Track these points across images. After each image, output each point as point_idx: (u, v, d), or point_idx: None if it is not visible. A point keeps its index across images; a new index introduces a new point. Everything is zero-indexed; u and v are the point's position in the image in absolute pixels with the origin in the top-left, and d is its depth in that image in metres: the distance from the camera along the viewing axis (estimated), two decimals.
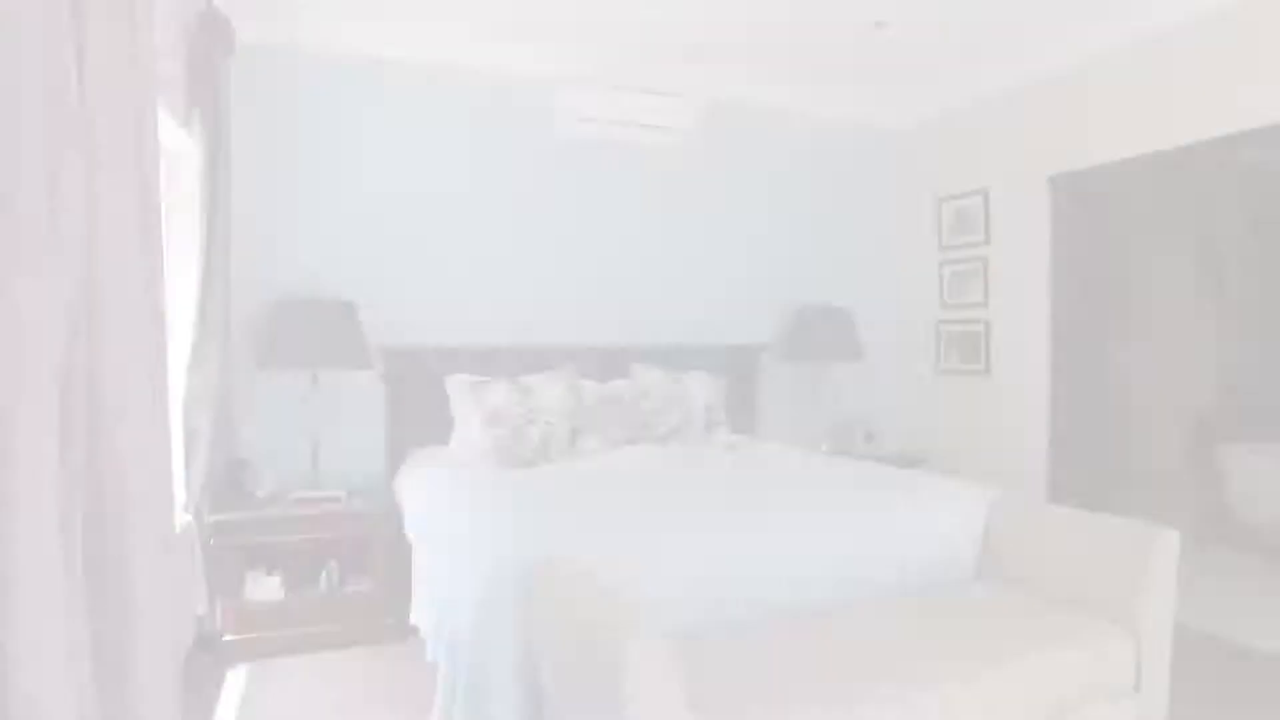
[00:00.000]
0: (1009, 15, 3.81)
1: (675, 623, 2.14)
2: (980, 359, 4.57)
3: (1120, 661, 2.17)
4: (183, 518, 2.99)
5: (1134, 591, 2.22)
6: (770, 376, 4.75)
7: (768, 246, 4.78)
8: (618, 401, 3.82)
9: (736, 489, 2.74)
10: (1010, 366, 4.42)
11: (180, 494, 3.06)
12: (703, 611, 2.19)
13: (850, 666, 1.86)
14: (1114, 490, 6.53)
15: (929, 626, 2.12)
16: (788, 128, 4.83)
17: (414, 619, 2.76)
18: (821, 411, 4.72)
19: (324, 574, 3.36)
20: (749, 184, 4.73)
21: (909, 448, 4.98)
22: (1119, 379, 6.97)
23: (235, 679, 2.97)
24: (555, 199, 4.26)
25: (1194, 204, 7.14)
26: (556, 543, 2.09)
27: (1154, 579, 2.21)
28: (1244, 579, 4.23)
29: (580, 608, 1.62)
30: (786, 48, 4.22)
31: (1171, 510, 5.89)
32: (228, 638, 3.12)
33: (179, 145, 3.16)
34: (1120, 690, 2.18)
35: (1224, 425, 7.05)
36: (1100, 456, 4.54)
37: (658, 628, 1.49)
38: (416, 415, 3.89)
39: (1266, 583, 4.17)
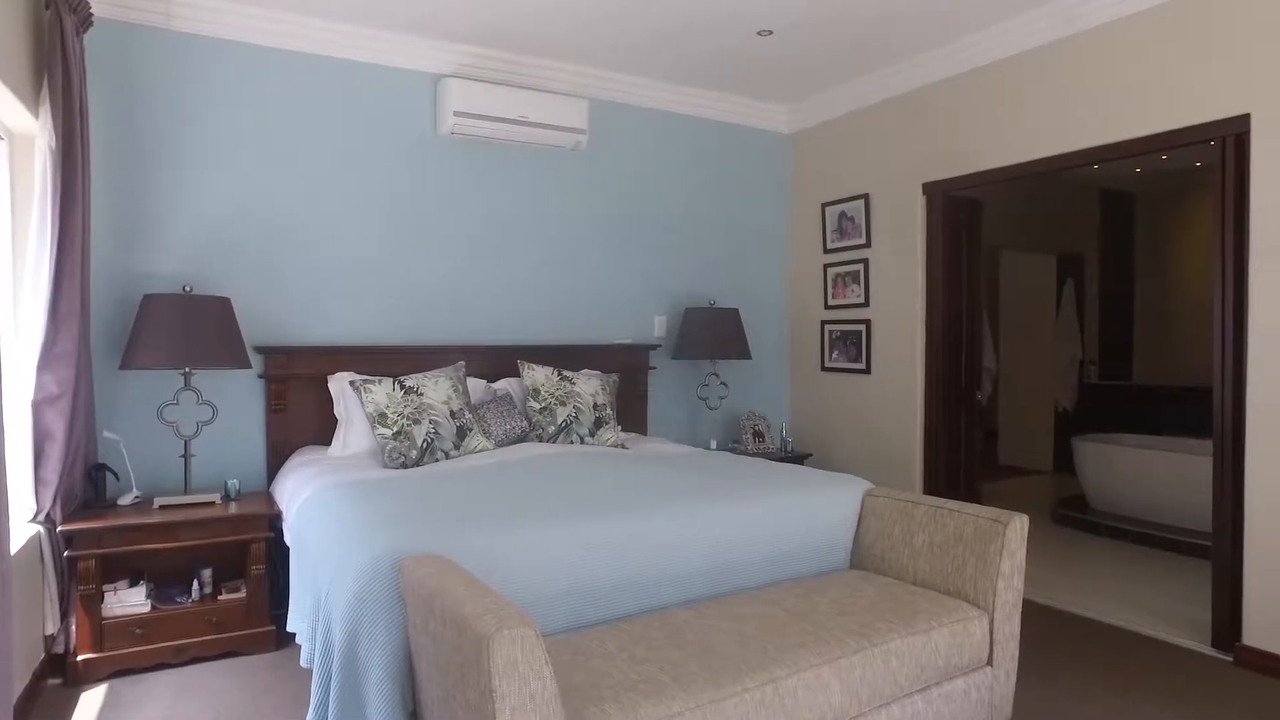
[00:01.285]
0: (886, 29, 3.99)
1: (555, 617, 2.16)
2: (862, 358, 4.76)
3: (976, 639, 2.30)
4: (29, 529, 2.79)
5: (987, 573, 2.36)
6: (660, 375, 4.81)
7: (658, 247, 4.84)
8: (506, 401, 3.79)
9: (621, 485, 2.76)
10: (889, 365, 4.63)
11: (28, 503, 2.85)
12: (583, 605, 2.20)
13: (723, 654, 1.91)
14: (987, 481, 6.93)
15: (802, 613, 2.20)
16: (679, 130, 4.90)
17: (291, 625, 2.66)
18: (712, 410, 4.81)
19: (195, 583, 3.20)
20: (640, 185, 4.78)
21: (796, 444, 5.14)
22: (995, 377, 7.40)
23: (90, 701, 2.79)
24: (443, 195, 4.19)
25: (1057, 213, 7.67)
26: (434, 541, 2.06)
27: (1005, 561, 2.35)
28: (1095, 560, 4.56)
29: (451, 603, 1.60)
30: (675, 52, 4.29)
31: (1036, 498, 6.30)
32: (83, 657, 2.93)
33: (25, 127, 2.95)
34: (975, 664, 2.32)
35: (1081, 421, 7.60)
36: (972, 449, 4.80)
37: (531, 622, 1.49)
38: (299, 416, 3.76)
39: (1113, 563, 4.50)
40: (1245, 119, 3.13)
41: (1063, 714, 2.70)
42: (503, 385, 4.00)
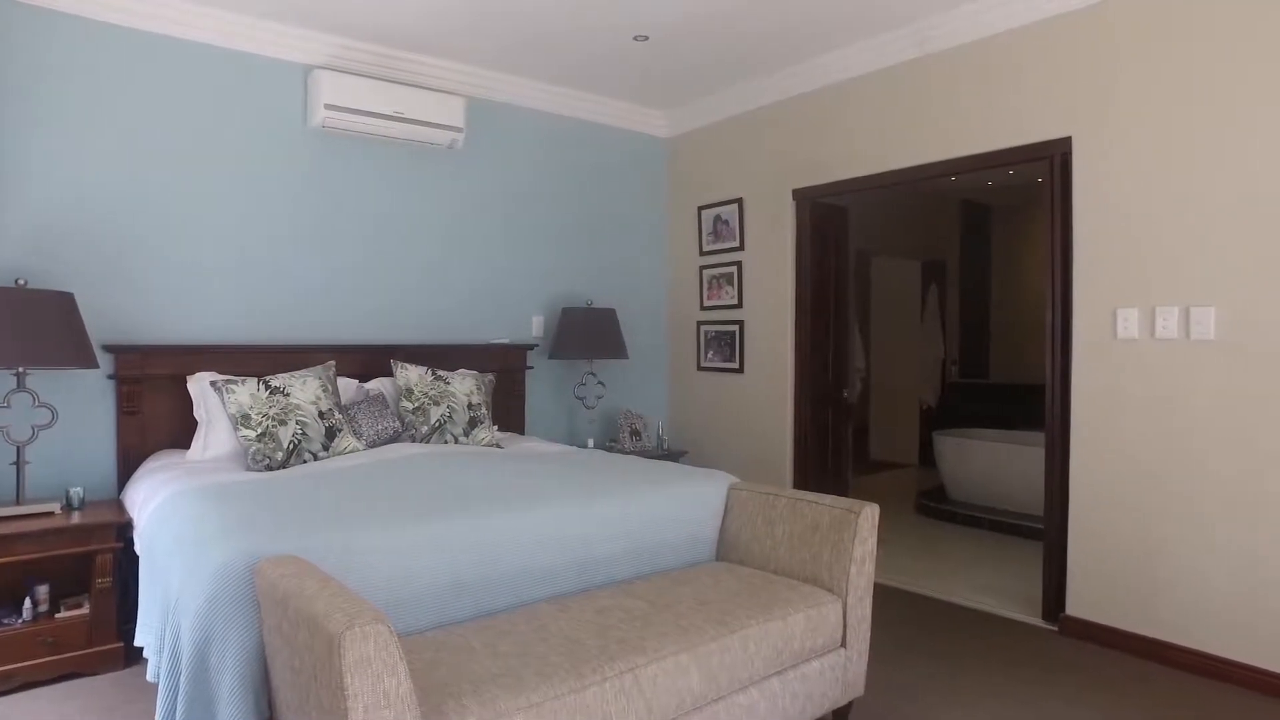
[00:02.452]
0: (757, 43, 4.14)
1: (422, 615, 2.15)
2: (735, 357, 4.92)
3: (831, 622, 2.44)
4: None
5: (841, 560, 2.50)
6: (538, 375, 4.83)
7: (536, 247, 4.86)
8: (378, 401, 3.72)
9: (491, 484, 2.76)
10: (761, 364, 4.80)
11: None
12: (450, 603, 2.20)
13: (585, 646, 1.95)
14: (859, 474, 7.27)
15: (665, 604, 2.27)
16: (559, 131, 4.93)
17: (140, 638, 2.53)
18: (589, 409, 4.86)
19: (28, 601, 2.98)
20: (518, 185, 4.78)
21: (673, 442, 5.26)
22: (864, 376, 7.77)
23: None
24: (314, 190, 4.07)
25: (922, 222, 8.13)
26: (293, 542, 2.01)
27: (858, 548, 2.50)
28: (949, 546, 4.88)
29: (304, 603, 1.58)
30: (553, 54, 4.32)
31: (902, 491, 6.67)
32: None
33: None
34: (830, 646, 2.45)
35: (942, 418, 8.08)
36: (842, 445, 5.04)
37: (384, 618, 1.49)
38: (155, 418, 3.57)
39: (965, 549, 4.83)
40: (1068, 141, 3.43)
41: (910, 687, 2.89)
42: (375, 385, 3.92)
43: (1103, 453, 3.34)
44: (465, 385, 3.95)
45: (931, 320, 8.14)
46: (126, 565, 3.16)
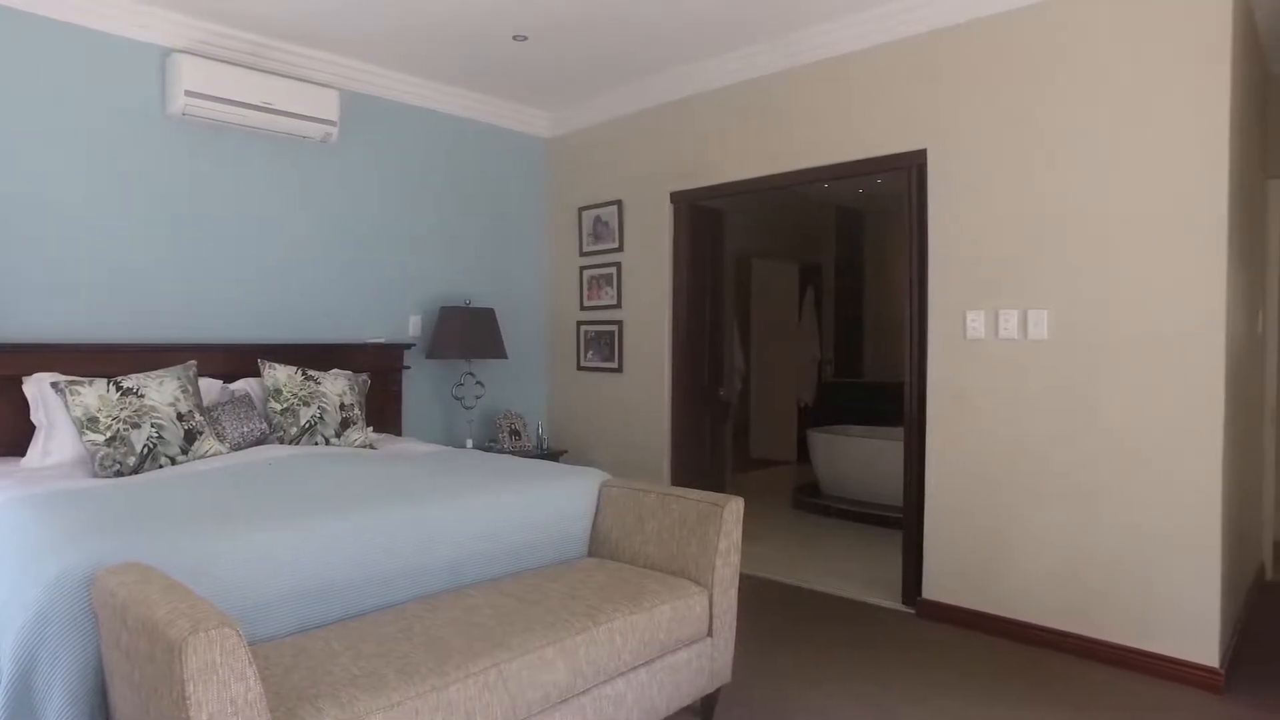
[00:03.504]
0: (633, 48, 4.21)
1: (282, 619, 2.09)
2: (615, 357, 4.98)
3: (697, 613, 2.52)
4: None
5: (707, 552, 2.59)
6: (415, 375, 4.75)
7: (415, 245, 4.77)
8: (244, 402, 3.57)
9: (360, 484, 2.71)
10: (640, 364, 4.88)
11: None
12: (314, 606, 2.15)
13: (450, 644, 1.95)
14: (740, 472, 7.48)
15: (534, 600, 2.28)
16: (439, 128, 4.86)
17: None
18: (468, 409, 4.81)
19: None
20: (396, 181, 4.68)
21: (553, 441, 5.28)
22: (744, 375, 7.99)
23: None
24: (175, 180, 3.86)
25: (800, 226, 8.44)
26: (139, 549, 1.92)
27: (723, 540, 2.59)
28: (822, 539, 5.10)
29: (144, 610, 1.51)
30: (432, 49, 4.26)
31: (780, 487, 6.90)
32: None
33: None
34: (697, 636, 2.53)
35: (820, 415, 8.41)
36: (719, 443, 5.18)
37: (231, 622, 1.45)
38: None
39: (836, 541, 5.06)
40: (923, 153, 3.66)
41: (777, 672, 3.02)
42: (241, 386, 3.76)
43: (954, 445, 3.58)
44: (338, 385, 3.84)
45: (809, 321, 8.46)
46: None
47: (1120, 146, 3.14)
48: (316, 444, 3.62)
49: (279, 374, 3.72)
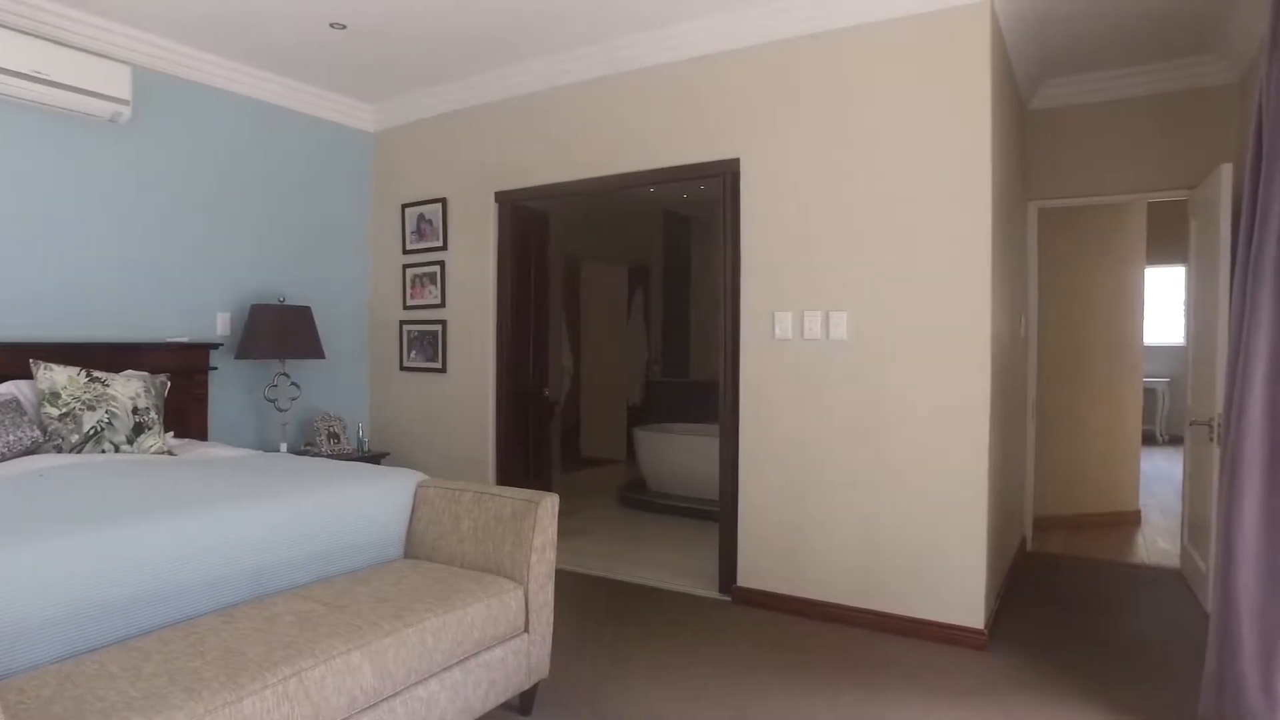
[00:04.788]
0: (453, 46, 4.17)
1: (47, 646, 1.91)
2: (439, 357, 4.90)
3: (513, 609, 2.54)
4: None
5: (522, 549, 2.62)
6: (224, 376, 4.45)
7: (225, 238, 4.48)
8: (11, 407, 3.22)
9: (152, 493, 2.52)
10: (464, 364, 4.83)
11: None
12: (88, 628, 1.98)
13: (246, 656, 1.87)
14: (570, 471, 7.55)
15: (342, 605, 2.22)
16: (254, 115, 4.59)
17: None
18: (282, 411, 4.57)
19: None
20: (204, 169, 4.37)
21: (375, 443, 5.11)
22: (573, 376, 8.07)
23: None
24: None
25: (629, 229, 8.63)
26: None
27: (538, 536, 2.63)
28: (647, 534, 5.25)
29: None
30: (245, 32, 4.02)
31: (609, 485, 7.02)
32: None
33: None
34: (513, 632, 2.55)
35: (646, 414, 8.63)
36: (545, 443, 5.22)
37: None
38: None
39: (660, 535, 5.23)
40: (737, 162, 3.87)
41: (595, 664, 3.09)
42: (9, 389, 3.39)
43: (765, 439, 3.81)
44: (130, 388, 3.54)
45: (637, 323, 8.66)
46: None
47: (905, 168, 3.47)
48: (104, 451, 3.33)
49: (57, 375, 3.38)
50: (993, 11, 3.34)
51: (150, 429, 3.52)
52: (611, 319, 8.56)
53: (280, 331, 4.33)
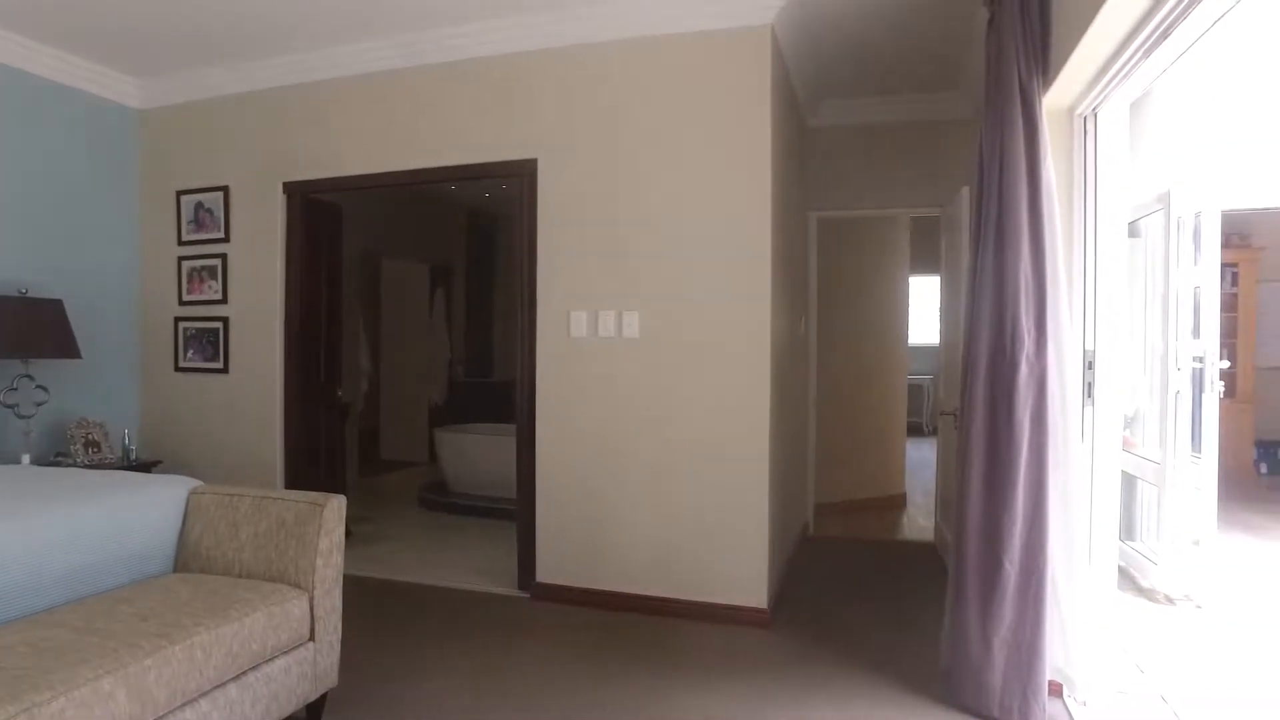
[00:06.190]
0: (242, 23, 3.89)
1: None
2: (219, 357, 4.55)
3: (296, 617, 2.43)
4: None
5: (307, 554, 2.51)
6: None
7: None
8: None
9: None
10: (249, 364, 4.52)
11: None
12: None
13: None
14: (371, 475, 7.26)
15: (94, 629, 2.02)
16: None
17: None
18: (25, 418, 4.04)
19: None
20: None
21: (145, 451, 4.66)
22: (371, 376, 7.76)
23: None
24: None
25: (431, 227, 8.42)
26: None
27: (324, 540, 2.53)
28: (447, 536, 5.17)
29: None
30: None
31: (410, 488, 6.82)
32: None
33: None
34: (297, 641, 2.44)
35: (451, 415, 8.47)
36: (341, 445, 4.99)
37: None
38: None
39: (461, 536, 5.17)
40: (534, 163, 3.91)
41: (390, 669, 3.01)
42: None
43: (561, 437, 3.87)
44: None
45: (439, 322, 8.48)
46: None
47: (692, 175, 3.66)
48: None
49: None
50: (773, 34, 3.60)
51: None
52: (413, 318, 8.31)
53: (21, 328, 3.85)
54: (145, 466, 4.34)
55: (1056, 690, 2.71)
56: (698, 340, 3.65)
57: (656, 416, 3.70)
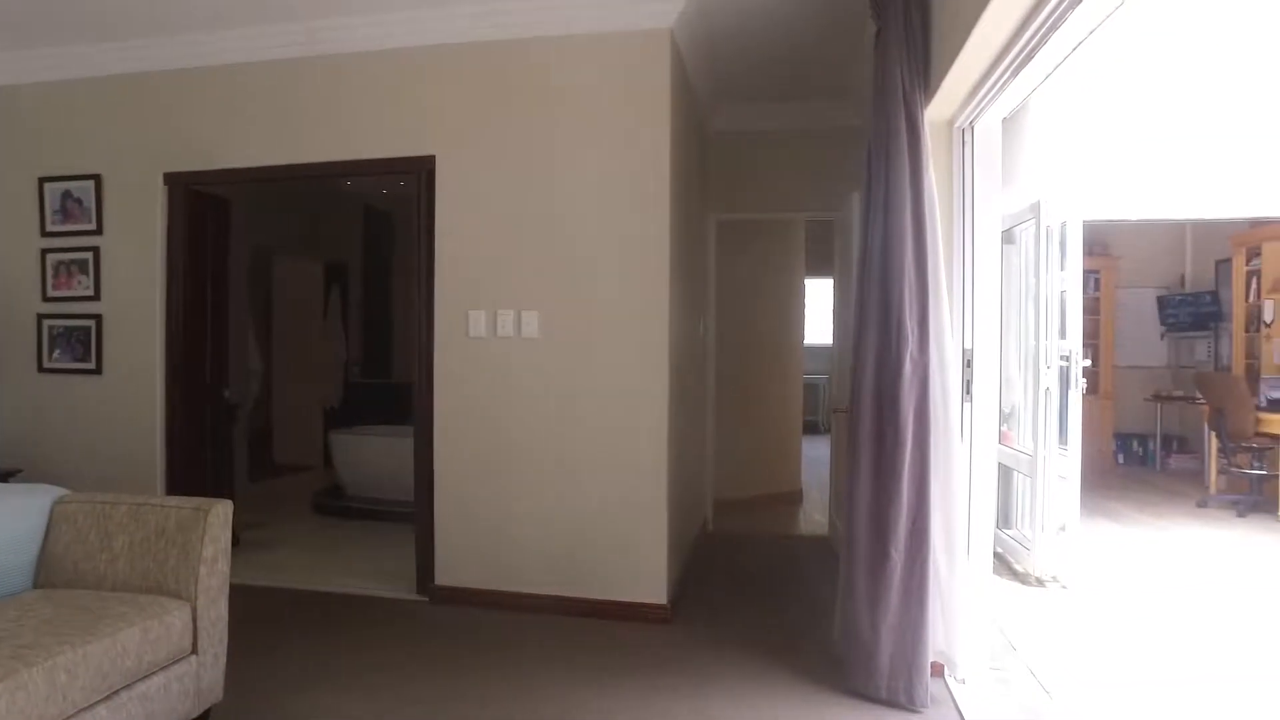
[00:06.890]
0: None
1: None
2: (91, 357, 4.27)
3: (177, 630, 2.31)
4: None
5: (189, 563, 2.39)
6: None
7: None
8: None
9: None
10: (125, 365, 4.25)
11: None
12: None
13: None
14: (262, 479, 6.96)
15: None
16: None
17: None
18: None
19: None
20: None
21: (2, 459, 4.32)
22: (262, 377, 7.44)
23: None
24: None
25: (326, 223, 8.14)
26: None
27: (208, 547, 2.41)
28: (343, 541, 5.02)
29: None
30: None
31: (304, 493, 6.57)
32: None
33: None
34: (177, 656, 2.32)
35: (346, 417, 8.21)
36: (226, 449, 4.76)
37: None
38: None
39: (357, 541, 5.02)
40: (433, 159, 3.85)
41: (283, 680, 2.90)
42: None
43: (460, 438, 3.82)
44: None
45: (334, 322, 8.21)
46: None
47: (592, 176, 3.68)
48: None
49: None
50: (673, 39, 3.65)
51: None
52: (307, 318, 8.01)
53: None
54: (3, 476, 4.03)
55: (939, 670, 2.86)
56: (597, 340, 3.66)
57: (556, 416, 3.70)
